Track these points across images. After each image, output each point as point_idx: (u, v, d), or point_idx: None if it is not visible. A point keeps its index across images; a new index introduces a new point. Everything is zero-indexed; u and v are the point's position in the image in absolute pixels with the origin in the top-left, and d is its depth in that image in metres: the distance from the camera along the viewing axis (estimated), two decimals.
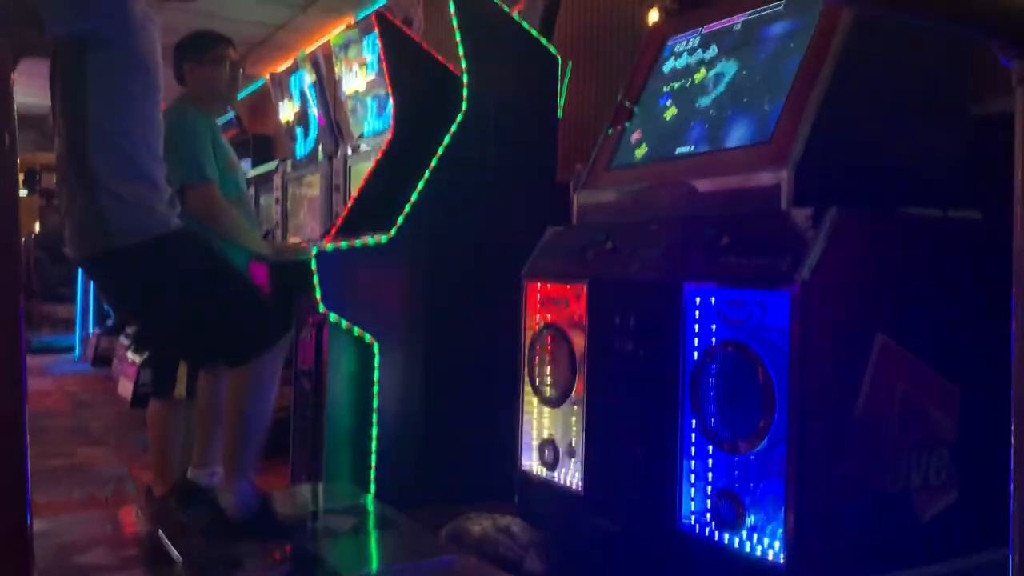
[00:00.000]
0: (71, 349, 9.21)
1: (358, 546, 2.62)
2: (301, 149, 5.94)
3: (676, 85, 2.59)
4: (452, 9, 3.18)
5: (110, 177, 2.29)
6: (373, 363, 3.06)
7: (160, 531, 2.53)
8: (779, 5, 2.36)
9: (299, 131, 5.95)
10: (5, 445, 1.15)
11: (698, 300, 2.05)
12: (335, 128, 5.42)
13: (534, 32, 3.39)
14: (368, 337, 3.05)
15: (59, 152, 2.38)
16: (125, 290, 2.50)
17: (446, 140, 3.16)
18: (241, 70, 3.31)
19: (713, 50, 2.52)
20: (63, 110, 2.35)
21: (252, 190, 6.37)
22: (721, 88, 2.42)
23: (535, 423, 2.62)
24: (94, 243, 2.34)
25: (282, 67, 6.24)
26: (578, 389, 2.43)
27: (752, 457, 1.89)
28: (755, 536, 1.89)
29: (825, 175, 2.01)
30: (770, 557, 1.84)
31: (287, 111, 6.10)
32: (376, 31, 3.73)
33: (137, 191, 2.33)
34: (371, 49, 4.76)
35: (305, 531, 2.58)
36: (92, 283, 2.68)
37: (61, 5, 2.27)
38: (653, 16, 2.87)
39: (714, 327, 2.01)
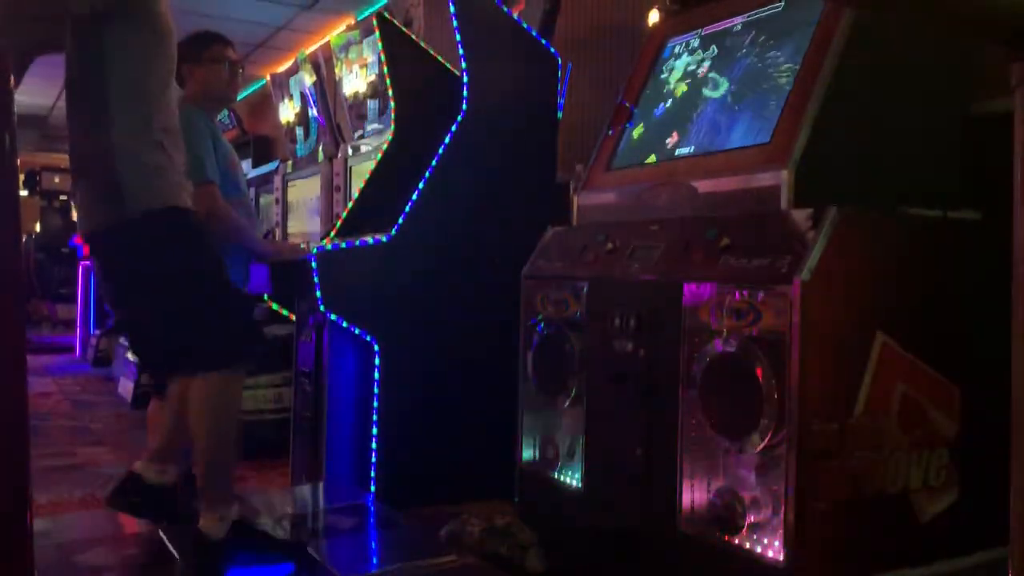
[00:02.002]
0: (71, 349, 9.22)
1: (358, 546, 2.62)
2: (301, 150, 5.94)
3: (676, 85, 2.59)
4: (452, 9, 3.18)
5: (131, 145, 2.29)
6: (373, 363, 3.06)
7: (160, 530, 2.53)
8: (779, 6, 2.36)
9: (299, 132, 5.95)
10: (6, 445, 1.15)
11: (698, 300, 2.05)
12: (335, 129, 5.43)
13: (534, 32, 3.39)
14: (368, 337, 3.05)
15: (77, 129, 2.37)
16: (127, 265, 2.44)
17: (446, 140, 3.17)
18: (241, 70, 3.31)
19: (713, 50, 2.52)
20: (82, 85, 2.35)
21: (252, 190, 6.38)
22: (721, 88, 2.42)
23: (535, 423, 2.62)
24: (109, 213, 2.32)
25: (282, 68, 6.25)
26: (578, 389, 2.43)
27: (752, 457, 1.89)
28: (755, 535, 1.89)
29: (825, 175, 2.01)
30: (770, 556, 1.84)
31: (287, 112, 6.11)
32: (376, 32, 3.74)
33: (155, 159, 2.32)
34: (371, 50, 4.77)
35: (297, 545, 2.50)
36: (94, 266, 2.62)
37: None
38: (653, 16, 2.87)
39: (714, 326, 2.01)
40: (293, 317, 3.57)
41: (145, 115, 2.32)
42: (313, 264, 2.97)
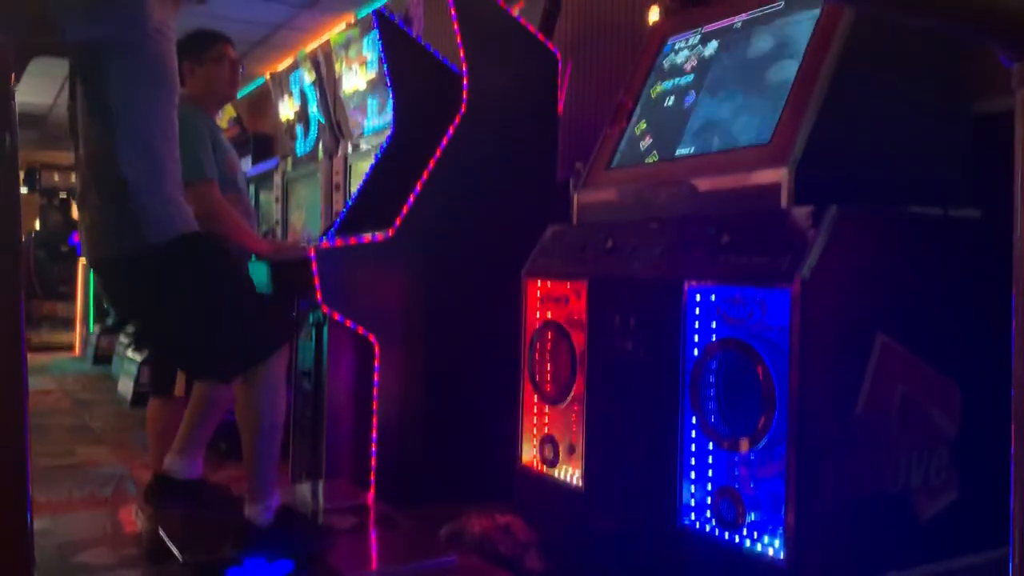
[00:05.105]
0: (71, 347, 9.22)
1: (358, 546, 2.62)
2: (301, 148, 5.93)
3: (676, 84, 2.59)
4: (452, 8, 3.18)
5: (143, 179, 2.31)
6: (373, 362, 3.06)
7: (160, 530, 2.53)
8: (779, 4, 2.36)
9: (299, 130, 5.95)
10: (6, 444, 1.15)
11: (698, 298, 2.05)
12: (335, 127, 5.42)
13: (534, 31, 3.39)
14: (368, 335, 3.05)
15: (83, 157, 2.39)
16: (142, 291, 2.48)
17: (446, 138, 3.16)
18: (241, 69, 3.31)
19: (713, 48, 2.52)
20: (88, 114, 2.36)
21: (252, 189, 6.38)
22: (721, 87, 2.42)
23: (535, 422, 2.62)
24: (126, 244, 2.33)
25: (282, 66, 6.24)
26: (578, 387, 2.43)
27: (752, 455, 1.89)
28: (755, 534, 1.89)
29: (825, 174, 2.01)
30: (770, 555, 1.84)
31: (287, 110, 6.10)
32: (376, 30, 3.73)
33: (168, 191, 2.36)
34: (371, 47, 4.76)
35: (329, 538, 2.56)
36: (105, 287, 2.69)
37: (77, 11, 2.28)
38: (653, 15, 2.87)
39: (714, 325, 2.01)
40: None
41: (155, 148, 2.35)
42: (313, 262, 2.97)
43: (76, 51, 2.36)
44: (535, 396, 2.61)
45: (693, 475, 2.05)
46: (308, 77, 5.65)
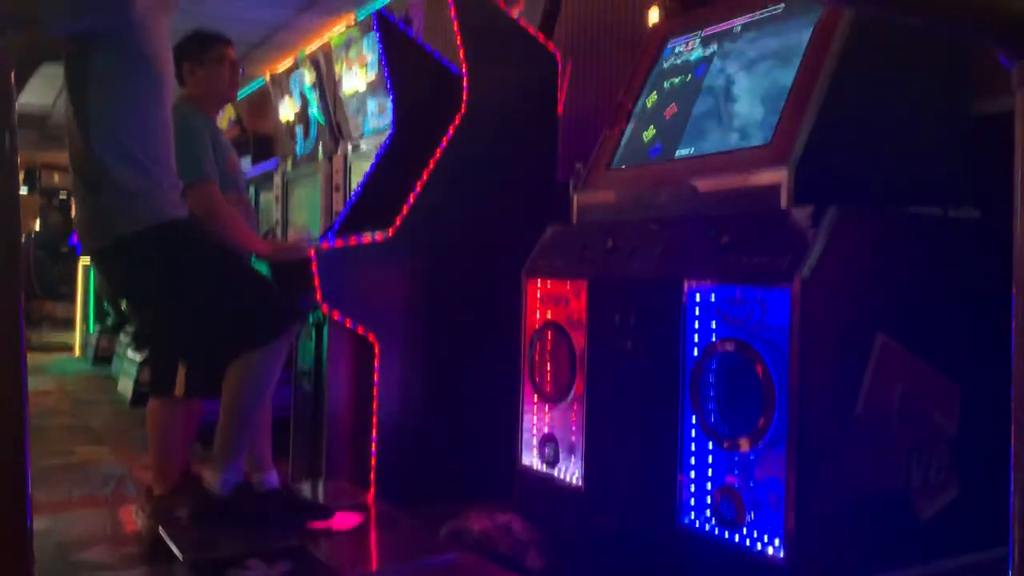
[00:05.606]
0: (71, 348, 9.22)
1: (359, 545, 2.62)
2: (301, 148, 5.93)
3: (676, 84, 2.59)
4: (452, 10, 3.18)
5: (112, 170, 2.34)
6: (373, 362, 3.06)
7: (160, 529, 2.53)
8: (779, 7, 2.36)
9: (299, 130, 5.94)
10: (5, 444, 1.15)
11: (698, 298, 2.05)
12: (335, 127, 5.42)
13: (534, 33, 3.39)
14: (368, 335, 3.05)
15: (69, 150, 2.42)
16: (130, 281, 2.52)
17: (446, 140, 3.16)
18: (241, 69, 3.31)
19: (713, 51, 2.52)
20: (69, 106, 2.38)
21: (252, 189, 6.37)
22: (721, 88, 2.42)
23: (535, 421, 2.62)
24: (101, 236, 2.39)
25: (282, 67, 6.23)
26: (578, 387, 2.43)
27: (752, 455, 1.89)
28: (755, 533, 1.89)
29: (825, 174, 2.01)
30: (770, 554, 1.85)
31: (287, 110, 6.10)
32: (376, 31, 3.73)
33: (137, 183, 2.38)
34: (372, 48, 4.76)
35: (293, 523, 2.58)
36: (101, 278, 2.74)
37: (59, 5, 2.29)
38: (653, 16, 2.87)
39: (714, 325, 2.01)
40: None
41: (127, 140, 2.37)
42: (313, 262, 2.97)
43: (66, 47, 2.37)
44: (535, 396, 2.61)
45: (693, 474, 2.05)
46: (308, 78, 5.65)
